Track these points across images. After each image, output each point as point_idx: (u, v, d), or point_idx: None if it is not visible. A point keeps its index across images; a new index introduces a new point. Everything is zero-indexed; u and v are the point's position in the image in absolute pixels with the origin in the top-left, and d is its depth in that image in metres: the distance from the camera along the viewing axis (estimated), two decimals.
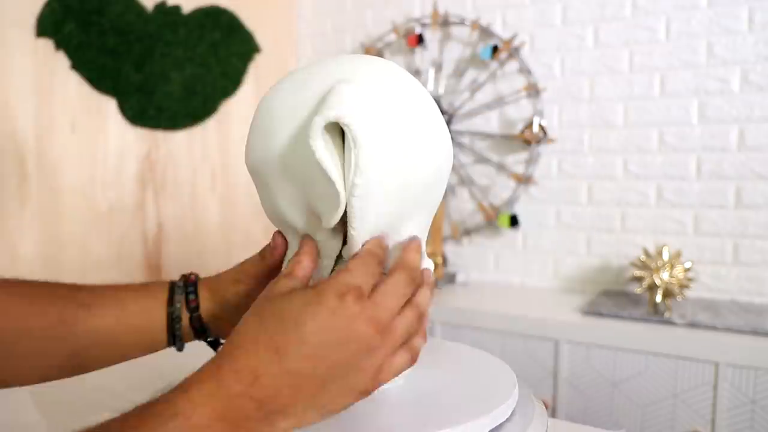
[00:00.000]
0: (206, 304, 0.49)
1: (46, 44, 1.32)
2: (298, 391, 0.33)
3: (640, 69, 1.48)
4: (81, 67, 1.39)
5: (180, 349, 0.50)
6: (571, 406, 1.28)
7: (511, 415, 0.44)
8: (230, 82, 1.74)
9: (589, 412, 1.26)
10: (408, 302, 0.38)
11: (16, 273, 1.33)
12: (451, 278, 1.70)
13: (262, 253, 0.48)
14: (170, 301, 0.48)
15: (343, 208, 0.39)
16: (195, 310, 0.48)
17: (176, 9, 1.59)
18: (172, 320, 0.48)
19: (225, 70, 1.72)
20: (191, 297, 0.48)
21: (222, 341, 0.51)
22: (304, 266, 0.40)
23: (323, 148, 0.36)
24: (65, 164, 1.37)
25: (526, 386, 0.49)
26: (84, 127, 1.41)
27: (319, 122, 0.36)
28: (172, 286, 0.49)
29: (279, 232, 0.48)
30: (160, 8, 1.55)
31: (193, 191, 1.66)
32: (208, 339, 0.51)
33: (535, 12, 1.62)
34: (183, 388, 0.33)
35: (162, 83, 1.56)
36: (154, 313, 0.48)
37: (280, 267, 0.48)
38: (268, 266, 0.48)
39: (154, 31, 1.54)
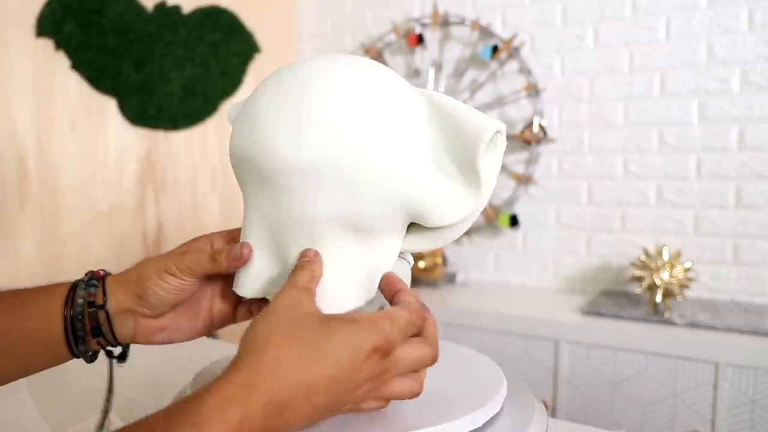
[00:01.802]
0: (116, 297, 0.43)
1: (46, 44, 1.32)
2: (312, 419, 0.35)
3: (640, 69, 1.48)
4: (81, 67, 1.39)
5: (89, 358, 0.44)
6: (571, 406, 1.28)
7: (503, 413, 0.44)
8: (230, 82, 1.74)
9: (589, 412, 1.26)
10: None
11: (17, 273, 1.33)
12: (451, 278, 1.70)
13: (215, 257, 0.44)
14: (70, 297, 0.42)
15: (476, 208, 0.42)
16: (99, 306, 0.43)
17: (176, 9, 1.59)
18: (72, 316, 0.42)
19: (225, 70, 1.72)
20: (92, 290, 0.43)
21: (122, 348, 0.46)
22: (317, 278, 0.41)
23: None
24: (65, 164, 1.37)
25: (526, 386, 0.49)
26: (84, 127, 1.41)
27: (491, 133, 0.40)
28: (76, 283, 0.44)
29: (247, 244, 0.44)
30: (160, 8, 1.55)
31: (193, 191, 1.66)
32: (122, 350, 0.46)
33: (535, 12, 1.62)
34: (203, 412, 0.31)
35: (162, 83, 1.56)
36: (51, 314, 0.42)
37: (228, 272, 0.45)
38: (216, 270, 0.44)
39: (154, 31, 1.54)
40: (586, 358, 1.25)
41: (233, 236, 0.48)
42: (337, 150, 0.39)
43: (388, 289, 0.42)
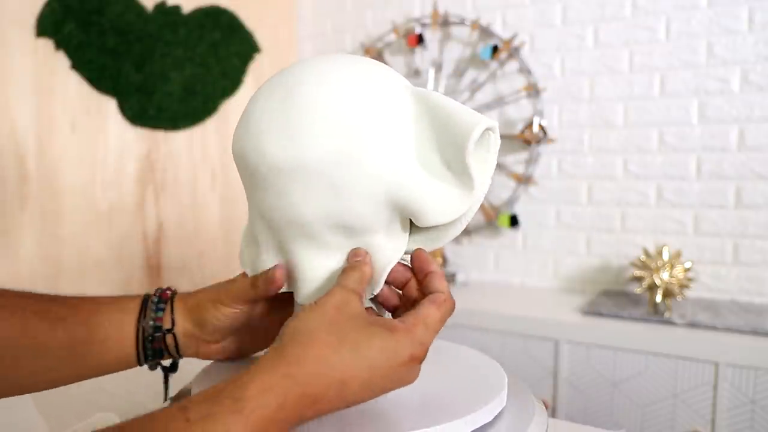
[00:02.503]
0: (182, 322, 0.47)
1: (46, 44, 1.32)
2: (340, 409, 0.37)
3: (640, 69, 1.49)
4: (81, 67, 1.39)
5: (152, 368, 0.49)
6: (571, 406, 1.28)
7: (503, 413, 0.44)
8: (230, 82, 1.74)
9: (589, 412, 1.26)
10: None
11: (17, 273, 1.33)
12: (451, 278, 1.70)
13: (255, 283, 0.46)
14: (141, 316, 0.46)
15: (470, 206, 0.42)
16: (167, 330, 0.47)
17: (176, 9, 1.59)
18: (144, 337, 0.46)
19: (225, 70, 1.72)
20: (160, 314, 0.46)
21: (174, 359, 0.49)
22: (366, 279, 0.42)
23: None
24: (65, 164, 1.37)
25: (526, 386, 0.49)
26: (84, 127, 1.41)
27: (480, 130, 0.39)
28: (146, 300, 0.47)
29: (280, 267, 0.45)
30: (160, 8, 1.55)
31: (193, 191, 1.66)
32: (172, 361, 0.49)
33: (535, 12, 1.62)
34: (246, 397, 0.33)
35: (162, 83, 1.56)
36: (125, 328, 0.46)
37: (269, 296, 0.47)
38: (258, 295, 0.46)
39: (154, 31, 1.54)
40: (586, 358, 1.25)
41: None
42: (320, 150, 0.39)
43: (420, 269, 0.43)
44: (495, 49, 1.61)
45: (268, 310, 0.49)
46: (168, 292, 0.48)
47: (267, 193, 0.42)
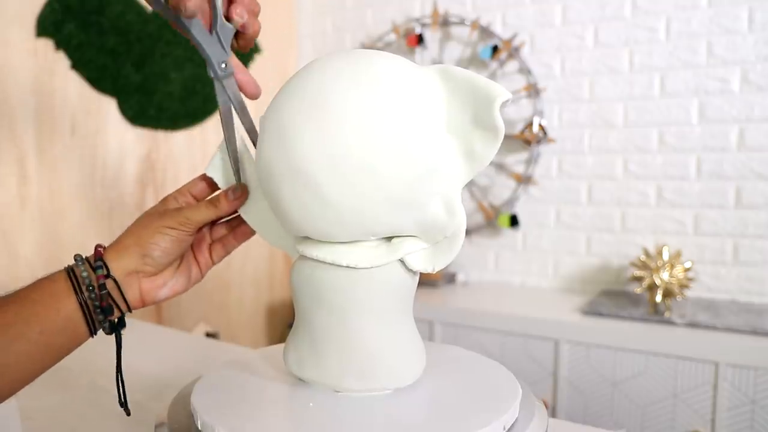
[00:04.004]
0: (120, 263, 0.45)
1: (46, 44, 1.32)
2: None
3: (640, 69, 1.48)
4: (81, 67, 1.39)
5: (109, 331, 0.46)
6: (571, 406, 1.28)
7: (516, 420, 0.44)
8: None
9: (589, 412, 1.26)
10: None
11: (16, 273, 1.33)
12: (451, 278, 1.70)
13: (216, 204, 0.48)
14: (74, 281, 0.44)
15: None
16: (106, 275, 0.44)
17: None
18: (86, 301, 0.44)
19: None
20: (100, 272, 0.44)
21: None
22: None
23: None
24: (65, 164, 1.37)
25: (526, 386, 0.49)
26: (84, 127, 1.41)
27: (499, 103, 0.41)
28: (71, 270, 0.45)
29: (243, 184, 0.49)
30: None
31: None
32: (120, 317, 0.47)
33: (535, 12, 1.62)
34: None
35: (162, 83, 1.56)
36: (62, 298, 0.44)
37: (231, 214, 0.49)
38: (219, 215, 0.48)
39: (154, 31, 1.54)
40: (586, 358, 1.25)
41: (192, 190, 0.51)
42: (324, 150, 0.40)
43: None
44: (495, 49, 1.61)
45: (200, 238, 0.52)
46: (100, 249, 0.46)
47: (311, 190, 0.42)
